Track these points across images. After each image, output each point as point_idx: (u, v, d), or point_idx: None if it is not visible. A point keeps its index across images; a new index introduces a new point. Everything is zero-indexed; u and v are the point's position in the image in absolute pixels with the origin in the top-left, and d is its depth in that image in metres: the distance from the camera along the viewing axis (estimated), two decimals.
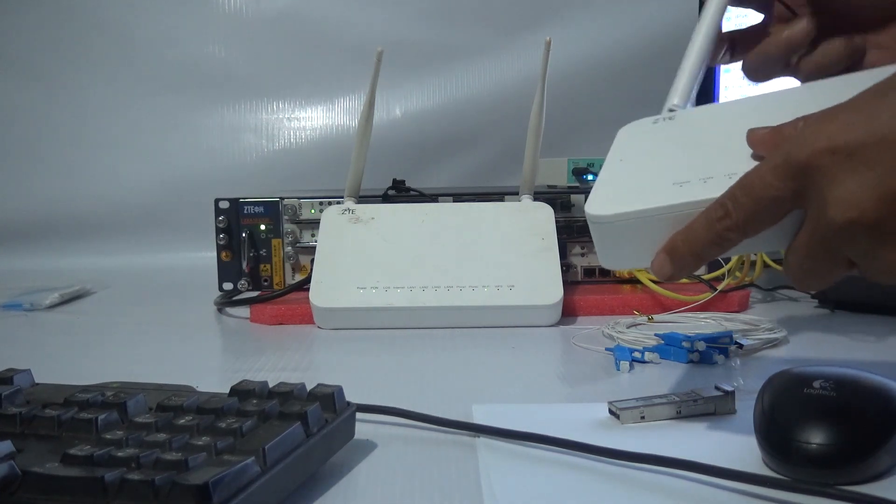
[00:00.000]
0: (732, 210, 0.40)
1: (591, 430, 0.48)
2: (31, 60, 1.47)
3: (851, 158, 0.36)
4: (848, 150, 0.36)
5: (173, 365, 0.71)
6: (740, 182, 0.40)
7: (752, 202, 0.39)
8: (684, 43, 0.54)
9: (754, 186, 0.39)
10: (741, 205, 0.40)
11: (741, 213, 0.40)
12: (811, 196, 0.38)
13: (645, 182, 0.45)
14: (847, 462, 0.40)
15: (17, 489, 0.34)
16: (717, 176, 0.42)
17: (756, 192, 0.39)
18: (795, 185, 0.38)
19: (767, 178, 0.39)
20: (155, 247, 1.42)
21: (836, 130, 0.37)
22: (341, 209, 0.86)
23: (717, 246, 0.42)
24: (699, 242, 0.42)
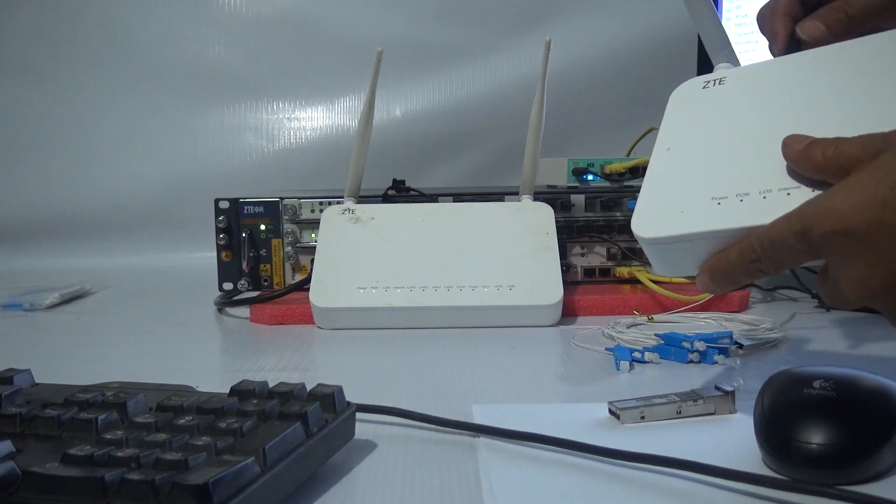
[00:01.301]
0: (762, 256, 0.43)
1: (591, 430, 0.48)
2: (31, 60, 1.47)
3: (861, 244, 0.38)
4: (859, 235, 0.38)
5: (173, 365, 0.71)
6: (767, 234, 0.43)
7: (776, 255, 0.43)
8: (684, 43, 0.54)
9: (777, 244, 0.42)
10: (767, 255, 0.43)
11: (768, 261, 0.43)
12: (829, 261, 0.41)
13: (688, 195, 0.48)
14: (847, 462, 0.40)
15: (17, 489, 0.34)
16: (752, 191, 0.45)
17: (779, 249, 0.42)
18: (814, 250, 0.41)
19: (789, 240, 0.41)
20: (155, 247, 1.42)
21: (849, 214, 0.38)
22: (341, 209, 0.86)
23: (752, 277, 0.45)
24: (735, 273, 0.45)
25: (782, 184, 0.45)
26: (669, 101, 0.55)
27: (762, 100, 0.50)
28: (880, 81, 0.46)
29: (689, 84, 0.55)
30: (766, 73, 0.52)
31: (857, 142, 0.41)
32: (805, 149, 0.43)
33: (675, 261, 0.49)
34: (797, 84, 0.50)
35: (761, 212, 0.44)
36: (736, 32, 1.07)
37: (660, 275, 0.51)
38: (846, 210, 0.38)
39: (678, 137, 0.52)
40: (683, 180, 0.49)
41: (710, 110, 0.52)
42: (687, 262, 0.48)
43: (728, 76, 0.54)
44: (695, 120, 0.52)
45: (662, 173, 0.51)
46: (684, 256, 0.47)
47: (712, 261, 0.46)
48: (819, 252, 0.40)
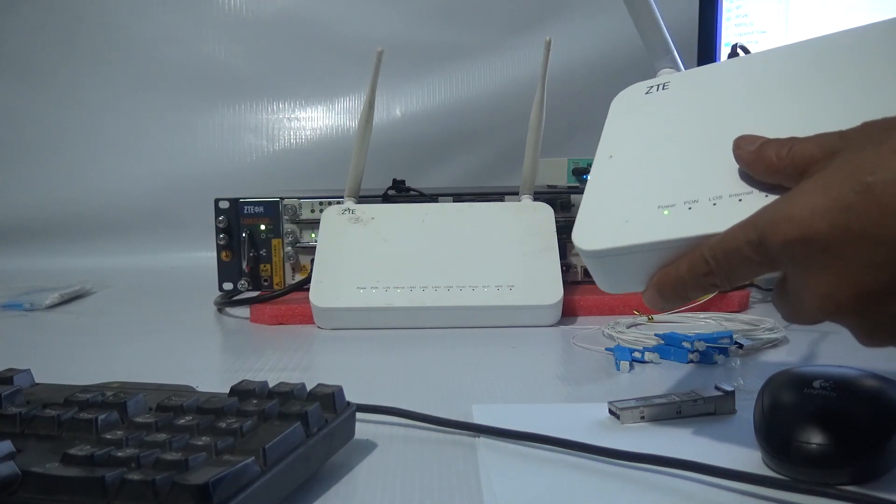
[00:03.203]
0: (715, 269, 0.40)
1: (591, 430, 0.48)
2: (31, 61, 1.47)
3: (824, 252, 0.34)
4: (819, 243, 0.34)
5: (173, 365, 0.71)
6: (720, 244, 0.39)
7: (730, 267, 0.39)
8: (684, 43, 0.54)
9: (732, 254, 0.39)
10: (721, 267, 0.39)
11: (722, 273, 0.40)
12: (789, 272, 0.37)
13: (633, 205, 0.45)
14: (847, 462, 0.40)
15: (17, 489, 0.34)
16: (701, 198, 0.42)
17: (734, 260, 0.39)
18: (771, 261, 0.37)
19: (744, 251, 0.38)
20: (155, 247, 1.42)
21: (810, 219, 0.34)
22: (341, 209, 0.86)
23: (704, 291, 0.42)
24: (686, 287, 0.42)
25: (733, 189, 0.41)
26: (611, 108, 0.52)
27: (709, 103, 0.47)
28: (830, 82, 0.43)
29: (631, 90, 0.52)
30: (712, 76, 0.50)
31: (813, 141, 0.38)
32: (758, 149, 0.40)
33: (620, 275, 0.45)
34: (745, 86, 0.47)
35: (712, 220, 0.41)
36: (736, 33, 1.07)
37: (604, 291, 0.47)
38: (807, 216, 0.34)
39: (621, 144, 0.49)
40: (627, 189, 0.46)
41: (654, 116, 0.49)
42: (633, 276, 0.44)
43: (672, 81, 0.51)
44: (638, 126, 0.50)
45: (605, 182, 0.48)
46: (630, 270, 0.44)
47: (660, 274, 0.43)
48: (778, 263, 0.37)
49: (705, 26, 1.09)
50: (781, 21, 1.04)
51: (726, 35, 1.07)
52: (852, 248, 0.33)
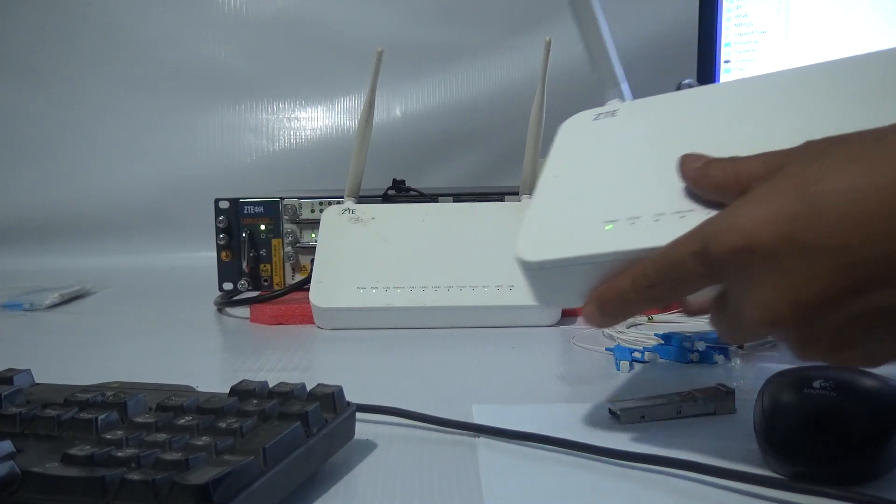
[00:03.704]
0: (657, 283, 0.39)
1: (591, 430, 0.48)
2: (30, 60, 1.47)
3: (767, 261, 0.34)
4: (762, 252, 0.34)
5: (173, 365, 0.71)
6: (663, 256, 0.39)
7: (673, 279, 0.39)
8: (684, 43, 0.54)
9: (675, 266, 0.38)
10: (664, 280, 0.39)
11: (664, 287, 0.39)
12: (731, 283, 0.37)
13: (575, 219, 0.45)
14: (847, 462, 0.40)
15: (17, 489, 0.34)
16: (643, 214, 0.42)
17: (677, 272, 0.38)
18: (714, 272, 0.37)
19: (688, 262, 0.37)
20: (155, 247, 1.42)
21: (754, 229, 0.34)
22: (341, 209, 0.86)
23: (645, 305, 0.42)
24: (627, 302, 0.41)
25: (676, 207, 0.42)
26: (558, 132, 0.53)
27: (655, 129, 0.47)
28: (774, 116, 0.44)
29: (579, 116, 0.53)
30: (659, 104, 0.50)
31: (758, 158, 0.38)
32: (703, 166, 0.41)
33: (560, 289, 0.45)
34: (692, 115, 0.48)
35: (654, 235, 0.41)
36: (736, 32, 1.07)
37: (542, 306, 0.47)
38: (751, 225, 0.34)
39: (567, 165, 0.50)
40: (571, 206, 0.46)
41: (602, 139, 0.50)
42: (573, 291, 0.44)
43: (620, 108, 0.51)
44: (585, 149, 0.50)
45: (549, 199, 0.48)
46: (570, 284, 0.44)
47: (601, 289, 0.42)
48: (720, 273, 0.36)
49: (705, 26, 1.09)
50: (781, 21, 1.04)
51: (726, 35, 1.07)
52: (794, 258, 0.33)
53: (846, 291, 0.32)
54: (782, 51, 1.04)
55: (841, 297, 0.32)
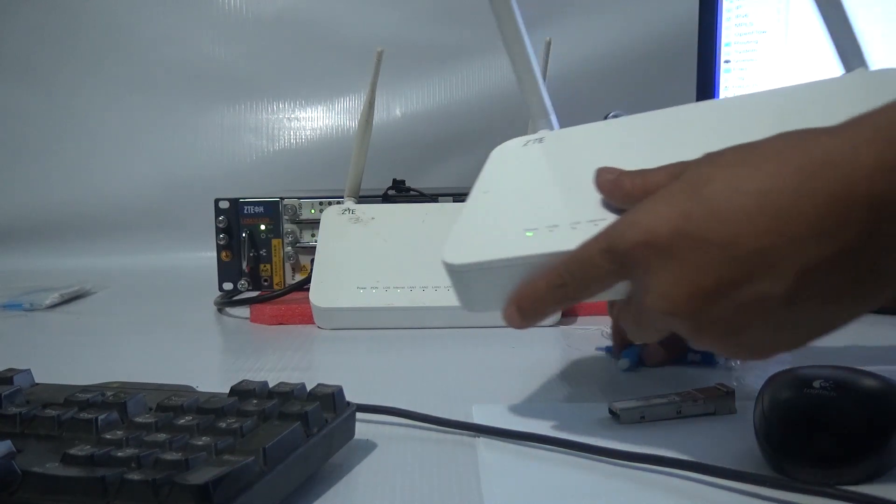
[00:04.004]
0: (569, 281, 0.43)
1: (591, 430, 0.48)
2: (31, 61, 1.47)
3: (663, 254, 0.37)
4: (661, 246, 0.37)
5: (173, 365, 0.71)
6: (574, 256, 0.43)
7: (584, 277, 0.42)
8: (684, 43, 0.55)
9: (585, 264, 0.42)
10: (575, 278, 0.43)
11: (576, 284, 0.43)
12: (634, 279, 0.40)
13: (499, 228, 0.48)
14: (847, 462, 0.40)
15: (17, 489, 0.34)
16: (561, 223, 0.46)
17: (587, 270, 0.42)
18: (620, 268, 0.40)
19: (596, 259, 0.41)
20: (155, 247, 1.42)
21: (653, 222, 0.38)
22: (341, 209, 0.86)
23: (557, 306, 0.45)
24: (543, 301, 0.45)
25: (591, 216, 0.45)
26: (489, 158, 0.56)
27: (576, 153, 0.50)
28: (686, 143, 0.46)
29: (510, 142, 0.56)
30: (582, 133, 0.54)
31: (663, 170, 0.42)
32: (616, 178, 0.45)
33: (482, 292, 0.48)
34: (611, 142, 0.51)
35: (570, 240, 0.44)
36: (736, 32, 1.07)
37: (466, 310, 0.50)
38: (651, 221, 0.38)
39: (495, 183, 0.53)
40: (496, 216, 0.49)
41: (528, 162, 0.53)
42: (494, 293, 0.47)
43: (547, 136, 0.55)
44: (513, 170, 0.54)
45: (476, 211, 0.51)
46: (492, 287, 0.47)
47: (519, 290, 0.45)
48: (624, 268, 0.40)
49: (705, 26, 1.09)
50: (781, 21, 1.04)
51: (726, 35, 1.07)
52: (688, 251, 0.36)
53: (734, 280, 0.35)
54: (782, 51, 1.04)
55: (730, 285, 0.35)
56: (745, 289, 0.35)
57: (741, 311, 0.36)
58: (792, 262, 0.34)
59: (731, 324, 0.37)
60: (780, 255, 0.34)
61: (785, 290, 0.34)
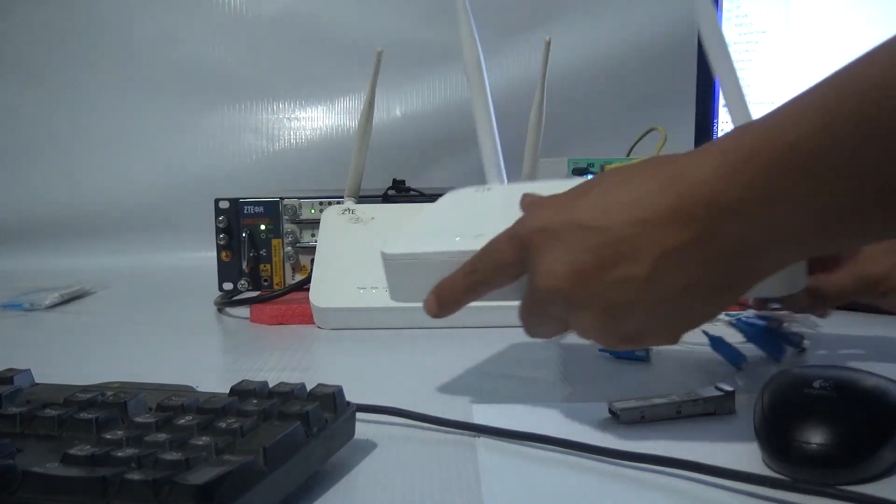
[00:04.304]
0: (479, 267, 0.50)
1: (591, 430, 0.48)
2: (31, 61, 1.47)
3: (554, 237, 0.44)
4: (552, 230, 0.44)
5: (173, 365, 0.71)
6: (485, 246, 0.49)
7: (491, 262, 0.49)
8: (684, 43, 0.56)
9: (493, 250, 0.49)
10: (484, 262, 0.49)
11: (484, 269, 0.49)
12: (529, 264, 0.46)
13: (433, 233, 0.57)
14: (847, 462, 0.40)
15: (17, 489, 0.34)
16: (487, 234, 0.51)
17: (494, 255, 0.49)
18: (520, 254, 0.47)
19: (502, 244, 0.48)
20: (155, 247, 1.42)
21: (549, 214, 0.45)
22: (341, 209, 0.86)
23: (471, 293, 0.51)
24: (456, 289, 0.51)
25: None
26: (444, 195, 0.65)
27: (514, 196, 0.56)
28: None
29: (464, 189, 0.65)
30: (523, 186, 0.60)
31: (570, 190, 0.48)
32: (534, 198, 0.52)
33: (410, 283, 0.54)
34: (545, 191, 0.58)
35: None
36: (736, 32, 1.07)
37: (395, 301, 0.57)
38: (545, 213, 0.46)
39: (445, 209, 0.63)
40: (436, 227, 0.58)
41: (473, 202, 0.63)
42: (419, 284, 0.52)
43: (494, 187, 0.66)
44: (461, 203, 0.63)
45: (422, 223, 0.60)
46: (418, 277, 0.53)
47: (440, 282, 0.52)
48: (524, 250, 0.46)
49: None
50: (781, 21, 1.04)
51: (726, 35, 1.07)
52: (572, 235, 0.43)
53: (607, 261, 0.42)
54: (782, 51, 1.04)
55: (603, 265, 0.42)
56: (616, 269, 0.42)
57: (612, 289, 0.42)
58: (651, 247, 0.41)
59: (604, 300, 0.43)
60: (642, 241, 0.41)
61: (646, 272, 0.41)
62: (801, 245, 0.41)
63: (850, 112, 0.36)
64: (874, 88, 0.36)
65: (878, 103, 0.35)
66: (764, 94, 1.06)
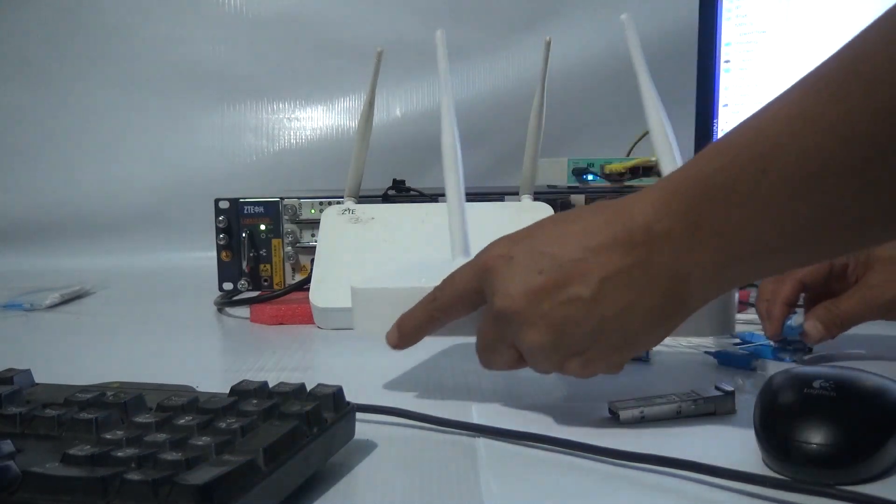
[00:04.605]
0: (439, 295, 0.52)
1: (591, 430, 0.48)
2: (31, 61, 1.47)
3: (511, 261, 0.48)
4: (510, 255, 0.48)
5: (173, 365, 0.71)
6: (448, 276, 0.52)
7: (451, 290, 0.52)
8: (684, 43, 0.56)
9: (454, 279, 0.52)
10: (444, 292, 0.52)
11: (444, 298, 0.52)
12: (488, 289, 0.49)
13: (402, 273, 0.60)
14: (847, 462, 0.40)
15: (17, 489, 0.34)
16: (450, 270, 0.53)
17: (454, 283, 0.52)
18: (479, 282, 0.49)
19: (463, 272, 0.51)
20: (155, 247, 1.42)
21: (507, 243, 0.49)
22: (341, 209, 0.86)
23: (430, 323, 0.53)
24: (417, 319, 0.53)
25: None
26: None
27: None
28: None
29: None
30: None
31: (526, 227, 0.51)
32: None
33: (375, 314, 0.56)
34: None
35: None
36: (737, 32, 1.07)
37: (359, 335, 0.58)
38: (504, 242, 0.50)
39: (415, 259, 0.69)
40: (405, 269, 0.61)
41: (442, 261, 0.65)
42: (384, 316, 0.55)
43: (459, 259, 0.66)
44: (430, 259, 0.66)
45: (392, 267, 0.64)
46: (383, 310, 0.55)
47: (402, 314, 0.54)
48: (482, 276, 0.49)
49: (705, 26, 1.09)
50: (781, 21, 1.04)
51: (726, 35, 1.07)
52: (528, 259, 0.47)
53: (557, 282, 0.45)
54: (782, 51, 1.04)
55: (554, 286, 0.45)
56: (566, 289, 0.45)
57: (562, 307, 0.45)
58: (597, 270, 0.45)
59: (553, 317, 0.46)
60: (589, 265, 0.45)
61: (591, 292, 0.45)
62: (722, 273, 0.43)
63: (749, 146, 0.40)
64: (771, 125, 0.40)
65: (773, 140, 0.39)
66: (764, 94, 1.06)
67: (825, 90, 0.37)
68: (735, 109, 1.08)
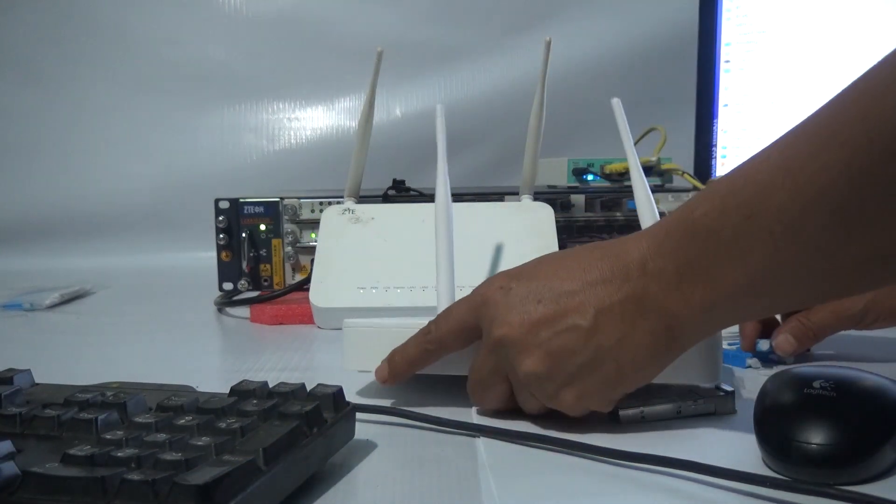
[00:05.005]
0: (435, 329, 0.53)
1: (591, 430, 0.48)
2: (30, 60, 1.47)
3: (509, 292, 0.49)
4: (508, 287, 0.49)
5: (173, 365, 0.71)
6: (445, 310, 0.54)
7: (448, 324, 0.52)
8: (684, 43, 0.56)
9: (449, 312, 0.53)
10: (439, 325, 0.53)
11: (440, 331, 0.52)
12: (485, 323, 0.50)
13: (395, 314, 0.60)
14: (847, 462, 0.40)
15: (17, 489, 0.34)
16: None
17: (449, 316, 0.53)
18: (474, 317, 0.50)
19: (462, 307, 0.52)
20: (155, 247, 1.42)
21: (505, 278, 0.50)
22: (341, 209, 0.86)
23: (422, 357, 0.53)
24: (409, 353, 0.53)
25: None
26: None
27: None
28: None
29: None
30: None
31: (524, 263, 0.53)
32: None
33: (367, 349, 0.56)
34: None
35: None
36: (737, 32, 1.07)
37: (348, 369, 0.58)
38: (502, 276, 0.51)
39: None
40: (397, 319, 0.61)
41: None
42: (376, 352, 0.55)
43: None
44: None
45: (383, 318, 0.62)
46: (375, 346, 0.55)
47: (393, 349, 0.54)
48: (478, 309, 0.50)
49: (705, 26, 1.09)
50: (781, 21, 1.04)
51: (726, 35, 1.07)
52: (526, 291, 0.48)
53: (555, 312, 0.47)
54: (782, 51, 1.04)
55: (551, 315, 0.47)
56: (564, 320, 0.46)
57: (559, 336, 0.46)
58: (594, 302, 0.46)
59: (550, 345, 0.46)
60: (586, 297, 0.46)
61: (588, 324, 0.46)
62: (710, 313, 0.44)
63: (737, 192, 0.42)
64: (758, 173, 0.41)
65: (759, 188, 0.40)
66: (764, 94, 1.06)
67: (805, 146, 0.39)
68: (735, 109, 1.08)
